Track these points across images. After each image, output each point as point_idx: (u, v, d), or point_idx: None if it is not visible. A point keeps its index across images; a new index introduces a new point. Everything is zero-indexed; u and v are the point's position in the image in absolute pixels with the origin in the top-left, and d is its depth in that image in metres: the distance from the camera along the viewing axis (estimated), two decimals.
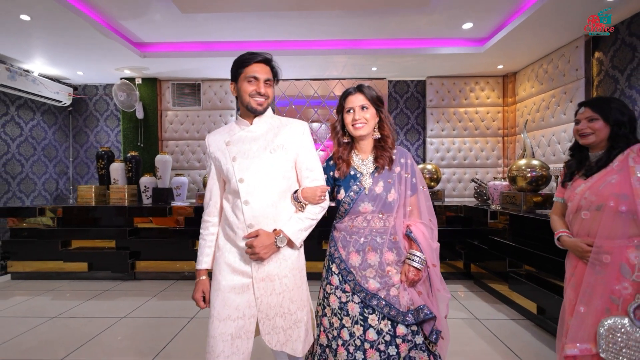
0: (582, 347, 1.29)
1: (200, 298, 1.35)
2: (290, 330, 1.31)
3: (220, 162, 1.34)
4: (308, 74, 5.01)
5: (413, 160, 1.50)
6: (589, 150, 1.47)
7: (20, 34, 3.58)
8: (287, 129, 1.36)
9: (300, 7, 3.26)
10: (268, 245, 1.23)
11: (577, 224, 1.42)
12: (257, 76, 1.29)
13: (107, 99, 5.43)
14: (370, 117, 1.42)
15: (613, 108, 1.38)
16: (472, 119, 5.14)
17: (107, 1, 3.18)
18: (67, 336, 2.49)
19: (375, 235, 1.41)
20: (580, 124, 1.45)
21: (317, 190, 1.32)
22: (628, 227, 1.27)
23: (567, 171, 1.53)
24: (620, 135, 1.36)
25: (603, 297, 1.29)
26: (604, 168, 1.36)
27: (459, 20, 3.61)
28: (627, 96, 3.23)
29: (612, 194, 1.29)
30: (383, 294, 1.37)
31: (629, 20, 3.21)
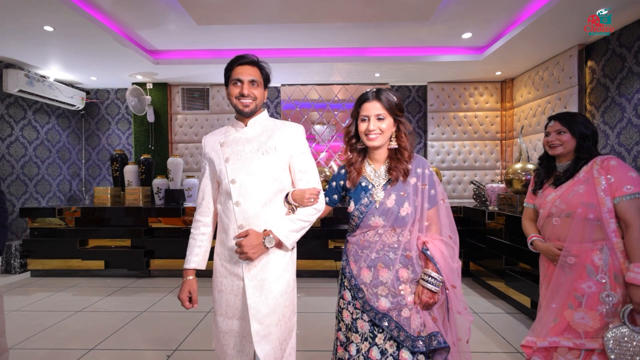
0: (552, 340, 1.42)
1: (186, 298, 1.33)
2: (285, 343, 1.30)
3: (214, 163, 1.34)
4: (313, 79, 5.19)
5: (432, 170, 1.38)
6: (556, 160, 1.60)
7: (42, 43, 3.76)
8: (281, 132, 1.35)
9: (311, 20, 3.45)
10: (256, 245, 1.22)
11: (548, 229, 1.55)
12: (241, 78, 1.30)
13: (119, 103, 5.61)
14: (386, 128, 1.32)
15: (579, 122, 1.52)
16: (471, 123, 5.33)
17: (126, 13, 3.36)
18: (93, 328, 2.67)
19: (388, 250, 1.32)
20: (550, 136, 1.57)
21: (306, 193, 1.30)
22: (594, 233, 1.39)
23: (537, 179, 1.66)
24: (584, 147, 1.49)
25: (567, 294, 1.42)
26: (572, 178, 1.49)
27: (458, 31, 3.79)
28: (617, 104, 3.42)
29: (580, 202, 1.41)
30: (394, 314, 1.28)
31: (619, 32, 3.40)
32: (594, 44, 3.73)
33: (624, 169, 1.38)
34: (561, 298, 1.43)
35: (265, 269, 1.28)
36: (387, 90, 1.34)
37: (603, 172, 1.40)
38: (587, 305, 1.37)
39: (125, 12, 3.34)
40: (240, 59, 1.32)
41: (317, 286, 3.66)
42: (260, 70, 1.35)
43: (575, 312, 1.39)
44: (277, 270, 1.30)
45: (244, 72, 1.31)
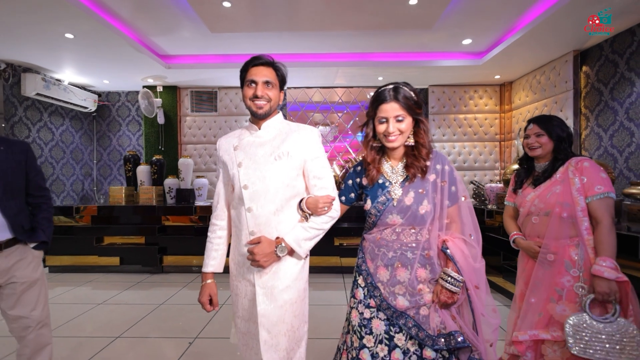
0: (532, 333, 1.51)
1: (206, 302, 1.33)
2: (292, 352, 1.27)
3: (227, 167, 1.32)
4: (317, 82, 5.36)
5: (452, 166, 1.33)
6: (535, 161, 1.70)
7: (61, 49, 3.93)
8: (295, 135, 1.31)
9: (320, 28, 3.62)
10: (268, 254, 1.20)
11: (528, 227, 1.65)
12: (255, 79, 1.27)
13: (129, 105, 5.78)
14: (406, 128, 1.28)
15: (555, 125, 1.61)
16: (471, 124, 5.50)
17: (143, 21, 3.53)
18: (116, 319, 2.85)
19: (406, 250, 1.29)
20: (529, 139, 1.66)
21: (320, 201, 1.25)
22: (570, 230, 1.49)
23: (517, 179, 1.76)
24: (561, 149, 1.59)
25: (548, 288, 1.51)
26: (549, 179, 1.59)
27: (459, 37, 3.96)
28: (609, 107, 3.60)
29: (557, 202, 1.51)
30: (412, 312, 1.25)
31: (612, 39, 3.57)
32: (588, 50, 3.90)
33: (596, 170, 1.49)
34: (543, 292, 1.53)
35: (276, 277, 1.25)
36: (404, 87, 1.28)
37: (577, 173, 1.50)
38: (566, 298, 1.48)
39: (142, 20, 3.50)
40: (255, 60, 1.29)
41: (323, 281, 3.83)
42: (275, 71, 1.31)
43: (557, 305, 1.49)
44: (288, 278, 1.26)
45: (258, 73, 1.27)
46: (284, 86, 1.36)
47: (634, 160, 3.34)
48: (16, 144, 1.72)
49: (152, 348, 2.38)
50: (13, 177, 1.65)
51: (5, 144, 1.67)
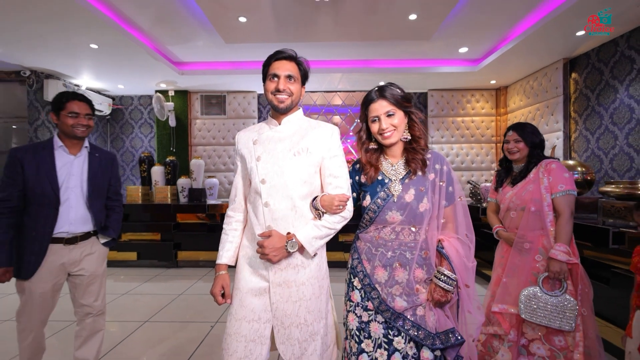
0: (502, 307, 1.78)
1: (218, 293, 1.30)
2: (305, 343, 1.24)
3: (246, 160, 1.32)
4: (322, 86, 5.63)
5: (450, 167, 1.35)
6: (513, 163, 1.96)
7: (84, 58, 4.20)
8: (315, 132, 1.31)
9: (328, 39, 3.89)
10: (278, 248, 1.19)
11: (507, 220, 1.91)
12: (277, 73, 1.27)
13: (142, 109, 6.05)
14: (398, 122, 1.29)
15: (530, 132, 1.86)
16: (468, 127, 5.76)
17: (162, 32, 3.80)
18: (142, 306, 3.11)
19: (405, 249, 1.29)
20: (509, 144, 1.90)
21: (335, 200, 1.24)
22: (540, 222, 1.74)
23: (498, 179, 2.04)
24: (534, 153, 1.85)
25: (527, 273, 1.74)
26: (524, 179, 1.84)
27: (456, 46, 4.23)
28: (596, 112, 3.86)
29: (530, 199, 1.76)
30: (409, 313, 1.26)
31: (598, 49, 3.83)
32: (577, 57, 4.16)
33: (561, 171, 1.75)
34: (521, 276, 1.76)
35: (292, 272, 1.25)
36: (389, 86, 1.33)
37: (546, 174, 1.77)
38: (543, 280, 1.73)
39: (161, 30, 3.77)
40: (278, 54, 1.29)
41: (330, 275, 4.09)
42: (298, 65, 1.31)
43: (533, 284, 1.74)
44: (305, 275, 1.26)
45: (280, 67, 1.27)
46: (305, 81, 1.36)
47: (617, 162, 3.60)
48: (107, 153, 1.98)
49: (179, 330, 2.64)
50: (101, 181, 1.90)
51: (99, 152, 1.93)
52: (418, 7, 3.14)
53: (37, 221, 1.73)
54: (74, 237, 1.83)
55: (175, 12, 3.33)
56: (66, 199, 1.78)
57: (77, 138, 1.82)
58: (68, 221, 1.80)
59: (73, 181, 1.81)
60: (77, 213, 1.83)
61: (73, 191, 1.81)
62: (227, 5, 3.08)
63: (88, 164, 1.86)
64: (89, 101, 1.88)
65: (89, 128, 1.86)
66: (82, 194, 1.84)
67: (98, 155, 1.91)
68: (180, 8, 3.27)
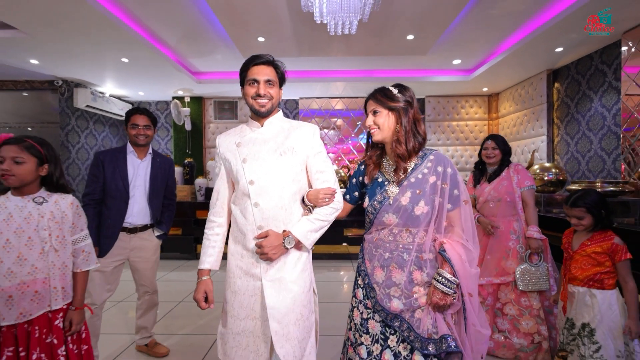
0: (487, 280, 2.21)
1: (201, 298, 1.33)
2: (304, 342, 1.29)
3: (230, 163, 1.33)
4: (326, 93, 6.08)
5: (455, 169, 1.32)
6: (487, 165, 2.39)
7: (114, 69, 4.64)
8: (298, 132, 1.36)
9: (335, 54, 4.33)
10: (277, 246, 1.23)
11: (486, 209, 2.33)
12: (257, 78, 1.29)
13: (158, 113, 6.48)
14: (382, 121, 1.31)
15: (502, 142, 2.33)
16: (462, 130, 6.21)
17: (185, 46, 4.23)
18: (173, 291, 3.55)
19: (402, 251, 1.29)
20: (488, 150, 2.34)
21: (320, 193, 1.29)
22: (512, 210, 2.24)
23: (475, 178, 2.46)
24: (505, 158, 2.33)
25: (501, 250, 2.22)
26: (498, 177, 2.31)
27: (450, 58, 4.67)
28: (575, 119, 4.30)
29: (505, 192, 2.25)
30: (407, 315, 1.26)
31: (576, 62, 4.28)
32: (559, 69, 4.61)
33: (525, 172, 2.28)
34: (496, 253, 2.26)
35: (283, 269, 1.29)
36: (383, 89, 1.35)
37: (515, 173, 2.28)
38: (512, 255, 2.22)
39: (186, 47, 4.21)
40: (255, 59, 1.32)
41: (334, 265, 4.54)
42: (275, 69, 1.34)
43: (507, 261, 2.24)
44: (295, 270, 1.30)
45: (260, 72, 1.30)
46: (283, 83, 1.40)
47: (592, 164, 4.05)
48: (166, 159, 2.39)
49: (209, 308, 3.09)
50: (159, 182, 2.30)
51: (160, 158, 2.34)
52: (415, 29, 3.58)
53: (112, 212, 2.15)
54: (135, 227, 2.23)
55: (201, 31, 3.77)
56: (132, 195, 2.20)
57: (141, 145, 2.25)
58: (132, 214, 2.21)
59: (138, 180, 2.23)
60: (139, 207, 2.25)
61: (138, 189, 2.24)
62: (248, 28, 3.52)
63: (151, 167, 2.28)
64: (150, 114, 2.28)
65: (147, 137, 2.25)
66: (144, 192, 2.26)
67: (159, 160, 2.33)
68: (206, 28, 3.70)
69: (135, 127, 2.20)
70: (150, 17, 3.47)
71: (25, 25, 3.34)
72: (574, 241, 1.85)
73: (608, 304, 1.68)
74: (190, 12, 3.35)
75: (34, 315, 1.38)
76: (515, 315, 2.18)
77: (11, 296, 1.34)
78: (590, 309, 1.71)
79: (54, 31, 3.47)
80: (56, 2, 2.88)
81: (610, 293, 1.70)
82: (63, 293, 1.46)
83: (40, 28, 3.39)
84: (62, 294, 1.46)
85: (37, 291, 1.39)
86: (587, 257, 1.75)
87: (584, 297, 1.74)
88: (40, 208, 1.42)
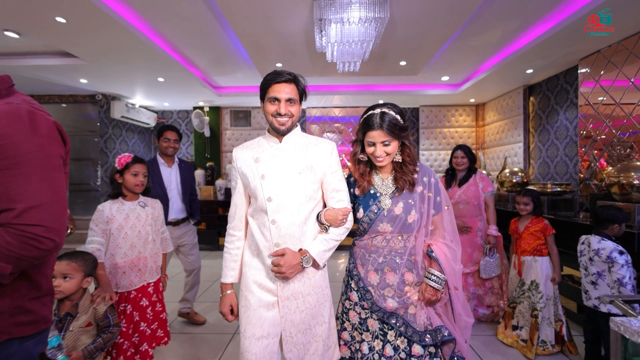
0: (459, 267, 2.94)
1: (228, 312, 1.36)
2: (308, 345, 1.32)
3: (248, 179, 1.33)
4: (331, 103, 6.80)
5: (437, 178, 1.45)
6: (457, 172, 2.91)
7: (149, 86, 5.36)
8: (316, 149, 1.36)
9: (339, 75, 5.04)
10: (294, 265, 1.24)
11: (457, 210, 2.80)
12: (278, 97, 1.28)
13: (180, 121, 7.21)
14: (391, 150, 1.37)
15: (469, 152, 2.87)
16: (453, 137, 6.92)
17: (213, 68, 4.96)
18: (206, 273, 4.25)
19: (395, 255, 1.39)
20: (458, 159, 2.87)
21: (339, 214, 1.32)
22: (477, 212, 2.83)
23: (446, 182, 2.94)
24: (472, 166, 2.89)
25: (470, 245, 2.82)
26: (467, 182, 2.85)
27: (439, 76, 5.37)
28: (546, 129, 5.01)
29: (473, 196, 2.80)
30: (401, 312, 1.37)
31: (547, 80, 4.99)
32: (533, 85, 5.32)
33: (487, 179, 2.91)
34: (467, 247, 2.87)
35: (299, 284, 1.31)
36: (390, 112, 1.36)
37: (480, 180, 2.88)
38: (478, 249, 2.87)
39: (213, 68, 4.93)
40: (277, 77, 1.30)
41: (335, 254, 5.27)
42: (297, 86, 1.33)
43: (474, 253, 2.88)
44: (311, 286, 1.33)
45: (281, 90, 1.29)
46: (304, 99, 1.39)
47: (559, 167, 4.76)
48: (188, 164, 3.09)
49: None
50: (188, 183, 2.99)
51: (184, 164, 3.04)
52: (406, 57, 4.30)
53: None
54: (177, 221, 2.88)
55: (227, 57, 4.49)
56: (170, 197, 2.84)
57: (169, 155, 2.89)
58: (173, 211, 2.86)
59: (172, 185, 2.88)
60: (178, 205, 2.90)
61: (173, 192, 2.88)
62: (270, 57, 4.24)
63: (179, 172, 2.94)
64: (178, 130, 2.92)
65: (175, 149, 2.89)
66: (178, 193, 2.91)
67: (183, 165, 3.00)
68: (233, 54, 4.42)
69: (167, 141, 2.84)
70: (188, 46, 4.19)
71: (86, 54, 4.06)
72: (519, 225, 2.59)
73: (545, 266, 2.46)
74: (221, 43, 4.07)
75: (137, 285, 1.96)
76: (482, 294, 2.89)
77: (125, 272, 1.92)
78: (535, 270, 2.47)
79: (108, 59, 4.20)
80: (114, 37, 3.56)
81: (545, 258, 2.48)
82: (155, 270, 2.08)
83: (97, 57, 4.11)
84: (155, 271, 2.07)
85: (140, 269, 1.97)
86: (530, 235, 2.50)
87: (530, 263, 2.49)
88: (144, 210, 2.03)
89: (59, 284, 1.51)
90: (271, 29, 3.46)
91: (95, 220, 1.90)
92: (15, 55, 4.22)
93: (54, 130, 0.90)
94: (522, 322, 2.51)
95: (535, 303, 2.43)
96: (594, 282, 2.11)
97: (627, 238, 2.32)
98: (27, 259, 0.82)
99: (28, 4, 2.84)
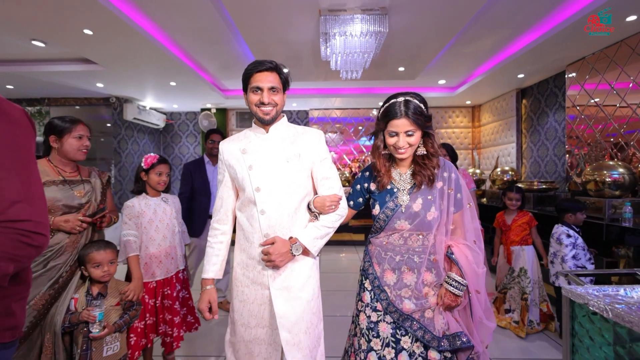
0: None
1: (205, 309, 1.30)
2: (315, 350, 1.29)
3: (236, 171, 1.31)
4: (333, 104, 7.09)
5: (458, 174, 1.37)
6: None
7: (161, 90, 5.65)
8: (303, 138, 1.34)
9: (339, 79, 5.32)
10: (284, 253, 1.22)
11: None
12: (260, 86, 1.26)
13: (188, 123, 7.50)
14: (415, 141, 1.30)
15: (451, 149, 2.98)
16: (450, 137, 7.21)
17: (221, 73, 5.24)
18: None
19: (413, 254, 1.33)
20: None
21: (327, 200, 1.29)
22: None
23: None
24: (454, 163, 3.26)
25: None
26: None
27: (436, 79, 5.66)
28: (537, 130, 5.30)
29: None
30: (417, 315, 1.30)
31: (537, 84, 5.27)
32: (525, 88, 5.60)
33: (469, 176, 3.22)
34: None
35: (291, 277, 1.27)
36: (414, 100, 1.30)
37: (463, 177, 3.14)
38: None
39: (221, 73, 5.22)
40: (258, 66, 1.28)
41: (341, 249, 5.56)
42: (279, 75, 1.30)
43: None
44: (303, 277, 1.29)
45: (263, 79, 1.26)
46: (287, 88, 1.35)
47: (548, 167, 5.05)
48: None
49: None
50: None
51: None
52: (404, 63, 4.58)
53: (200, 204, 3.12)
54: None
55: (237, 62, 4.77)
56: (212, 192, 3.15)
57: (215, 155, 3.19)
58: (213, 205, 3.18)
59: (214, 181, 3.21)
60: None
61: (215, 187, 3.22)
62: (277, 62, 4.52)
63: None
64: (222, 133, 3.22)
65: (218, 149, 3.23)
66: None
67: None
68: (242, 60, 4.70)
69: (212, 142, 3.15)
70: (200, 53, 4.47)
71: (104, 60, 4.34)
72: (507, 219, 2.89)
73: (531, 253, 2.79)
74: (231, 51, 4.35)
75: (172, 272, 2.17)
76: None
77: (161, 261, 2.13)
78: (523, 258, 2.79)
79: (125, 65, 4.48)
80: (133, 46, 3.82)
81: (530, 247, 2.82)
82: (182, 258, 2.31)
83: (115, 63, 4.39)
84: (182, 259, 2.29)
85: (172, 257, 2.18)
86: (518, 227, 2.81)
87: (519, 252, 2.80)
88: (167, 205, 2.23)
89: (108, 268, 1.69)
90: (280, 39, 3.75)
91: (127, 215, 2.10)
92: (38, 62, 4.50)
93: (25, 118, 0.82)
94: (513, 306, 2.83)
95: (525, 287, 2.74)
96: (552, 261, 2.56)
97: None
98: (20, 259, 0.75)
99: (60, 18, 3.13)
